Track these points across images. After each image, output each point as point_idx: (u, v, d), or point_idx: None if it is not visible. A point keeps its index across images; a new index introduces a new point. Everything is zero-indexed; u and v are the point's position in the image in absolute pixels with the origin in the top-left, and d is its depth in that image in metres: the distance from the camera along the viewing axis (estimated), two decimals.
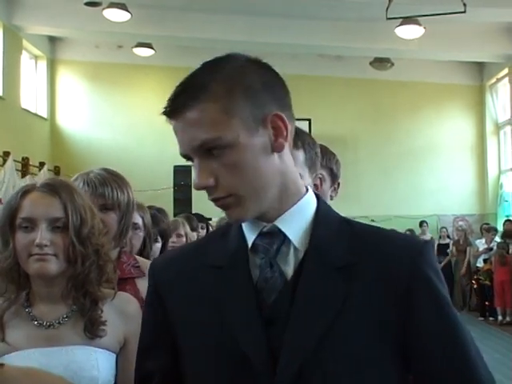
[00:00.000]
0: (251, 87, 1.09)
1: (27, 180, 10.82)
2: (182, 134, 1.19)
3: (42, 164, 11.99)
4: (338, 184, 2.14)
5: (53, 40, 13.47)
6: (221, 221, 7.18)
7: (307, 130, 10.77)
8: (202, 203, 9.22)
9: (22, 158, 11.19)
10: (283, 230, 1.12)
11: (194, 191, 11.56)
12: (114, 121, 13.44)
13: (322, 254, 1.11)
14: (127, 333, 1.65)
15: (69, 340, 1.60)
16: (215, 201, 1.11)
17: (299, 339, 1.07)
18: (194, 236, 4.82)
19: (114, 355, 1.64)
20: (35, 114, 12.92)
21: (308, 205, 1.16)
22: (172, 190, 11.32)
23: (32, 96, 12.91)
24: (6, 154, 10.51)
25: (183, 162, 1.22)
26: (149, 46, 12.75)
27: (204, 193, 1.14)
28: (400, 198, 13.51)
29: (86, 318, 1.60)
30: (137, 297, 1.94)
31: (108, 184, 2.08)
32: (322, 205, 1.18)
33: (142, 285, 2.08)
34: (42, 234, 1.56)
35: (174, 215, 4.54)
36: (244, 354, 1.08)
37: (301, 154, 1.79)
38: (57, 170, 12.72)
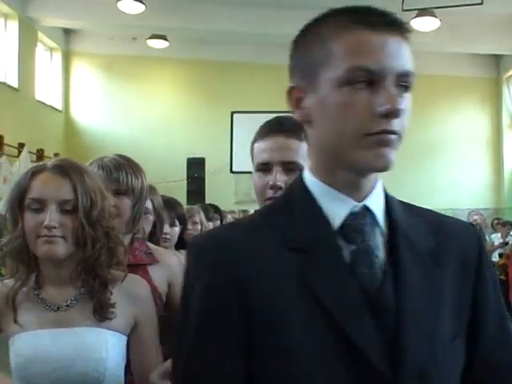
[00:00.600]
0: None
1: None
2: (397, 52, 1.00)
3: (56, 155, 12.02)
4: None
5: (67, 32, 13.51)
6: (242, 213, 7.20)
7: None
8: (214, 195, 9.24)
9: (37, 150, 11.25)
10: (374, 211, 1.05)
11: (207, 183, 11.44)
12: (128, 113, 13.47)
13: (408, 239, 1.05)
14: (137, 314, 1.65)
15: (78, 322, 1.59)
16: (386, 133, 0.99)
17: (416, 331, 1.01)
18: (209, 225, 4.82)
19: (125, 337, 1.64)
20: (50, 106, 12.97)
21: (380, 192, 1.10)
22: (185, 182, 11.33)
23: (47, 88, 12.96)
24: (21, 146, 10.56)
25: (196, 154, 1.18)
26: (163, 37, 12.74)
27: (217, 185, 1.09)
28: (414, 193, 13.38)
29: (95, 300, 1.60)
30: (149, 284, 1.94)
31: (122, 169, 2.07)
32: (387, 193, 1.12)
33: (154, 272, 2.12)
34: (51, 216, 1.55)
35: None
36: (357, 350, 0.97)
37: (305, 147, 1.75)
38: None
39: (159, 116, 13.39)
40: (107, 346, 1.57)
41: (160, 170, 12.56)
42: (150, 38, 12.74)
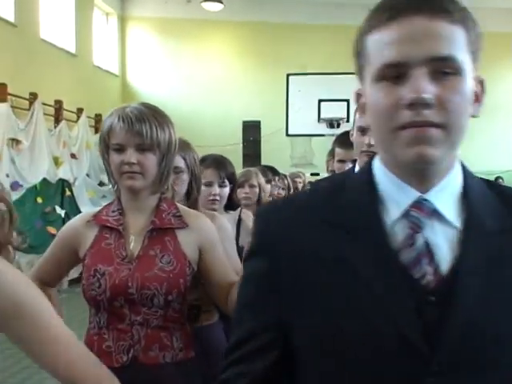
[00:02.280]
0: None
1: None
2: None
3: None
4: None
5: None
6: (295, 177, 7.14)
7: None
8: (270, 159, 9.19)
9: (95, 115, 11.41)
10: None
11: (263, 146, 11.46)
12: (183, 76, 13.50)
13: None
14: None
15: None
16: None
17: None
18: (268, 188, 4.84)
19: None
20: (107, 71, 13.11)
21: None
22: (241, 145, 11.34)
23: (103, 53, 13.09)
24: (80, 111, 10.73)
25: (252, 117, 1.17)
26: (218, 0, 12.64)
27: (273, 148, 1.08)
28: (475, 153, 13.08)
29: None
30: (177, 251, 1.92)
31: (146, 120, 1.86)
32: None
33: (183, 237, 1.95)
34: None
35: None
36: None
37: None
38: None
39: (214, 79, 13.37)
40: None
41: (216, 133, 12.62)
42: (205, 0, 12.67)
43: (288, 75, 12.16)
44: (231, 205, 3.03)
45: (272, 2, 12.95)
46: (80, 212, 8.83)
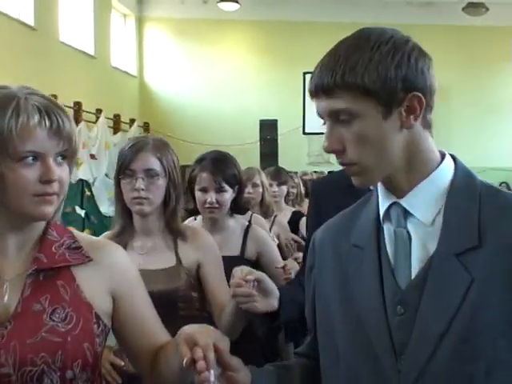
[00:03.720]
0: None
1: (118, 136, 11.15)
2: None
3: (132, 121, 12.30)
4: None
5: None
6: (303, 175, 7.17)
7: None
8: (287, 157, 9.20)
9: (114, 115, 11.51)
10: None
11: (280, 145, 11.51)
12: (200, 76, 13.56)
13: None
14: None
15: None
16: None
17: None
18: (283, 190, 4.71)
19: None
20: (125, 72, 13.21)
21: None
22: (258, 144, 11.37)
23: (121, 54, 13.20)
24: (99, 112, 10.83)
25: (269, 115, 1.23)
26: (234, 0, 12.69)
27: (290, 146, 1.15)
28: (494, 150, 13.04)
29: None
30: (76, 300, 1.31)
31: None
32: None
33: (85, 277, 1.35)
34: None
35: (262, 170, 4.44)
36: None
37: None
38: (146, 126, 13.02)
39: (231, 79, 13.42)
40: None
41: (233, 132, 12.67)
42: (221, 0, 12.72)
43: (305, 73, 12.16)
44: (238, 208, 2.70)
45: (288, 1, 12.98)
46: (100, 212, 8.94)
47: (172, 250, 2.14)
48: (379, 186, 1.20)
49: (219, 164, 2.55)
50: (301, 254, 2.87)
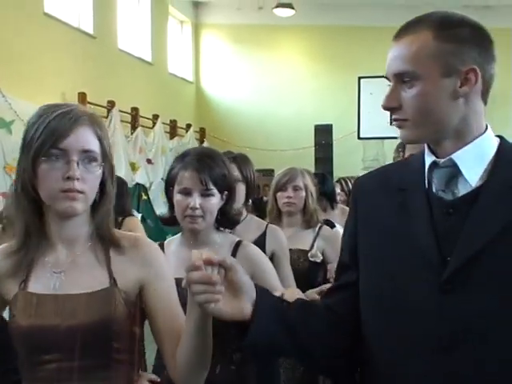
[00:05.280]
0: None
1: (175, 142, 11.32)
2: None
3: (188, 126, 12.46)
4: None
5: (196, 4, 13.84)
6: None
7: None
8: (342, 162, 9.14)
9: (170, 121, 11.68)
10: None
11: (334, 150, 11.42)
12: (256, 81, 13.64)
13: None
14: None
15: None
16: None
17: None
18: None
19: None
20: (181, 78, 13.40)
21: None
22: (313, 148, 11.36)
23: (178, 60, 13.39)
24: (155, 117, 11.02)
25: (324, 120, 1.27)
26: (289, 5, 12.72)
27: (344, 151, 1.17)
28: None
29: None
30: None
31: None
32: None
33: None
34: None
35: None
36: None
37: None
38: (202, 132, 13.17)
39: (286, 84, 13.45)
40: None
41: (288, 137, 12.68)
42: (276, 6, 12.77)
43: (360, 78, 12.09)
44: (226, 220, 2.16)
45: (343, 6, 12.93)
46: (156, 215, 9.07)
47: (104, 265, 1.51)
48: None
49: (206, 160, 2.04)
50: (329, 285, 2.23)
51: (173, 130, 11.78)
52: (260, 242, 2.55)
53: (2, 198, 7.30)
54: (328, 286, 2.14)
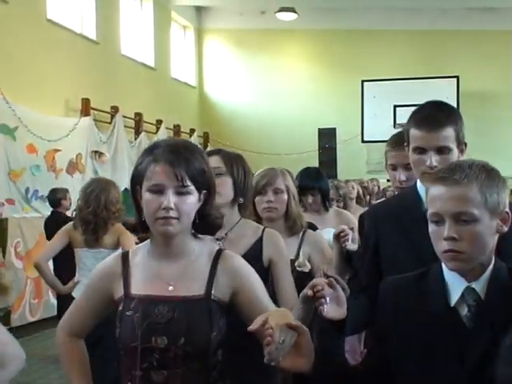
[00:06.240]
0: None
1: None
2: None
3: (192, 130, 12.48)
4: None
5: (199, 10, 13.87)
6: (359, 183, 7.12)
7: (455, 88, 10.14)
8: (346, 165, 9.13)
9: (174, 126, 11.70)
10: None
11: (338, 153, 11.39)
12: (259, 86, 13.65)
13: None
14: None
15: None
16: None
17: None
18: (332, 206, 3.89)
19: None
20: (184, 83, 13.43)
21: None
22: (317, 152, 11.36)
23: (181, 65, 13.41)
24: (159, 122, 11.04)
25: (327, 124, 1.24)
26: (291, 10, 12.75)
27: (348, 155, 1.15)
28: (475, 151, 12.57)
29: None
30: None
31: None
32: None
33: None
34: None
35: None
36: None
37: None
38: (206, 136, 13.19)
39: (290, 88, 13.45)
40: None
41: (292, 141, 12.68)
42: (279, 10, 12.79)
43: (363, 81, 12.10)
44: (205, 225, 1.78)
45: (345, 9, 12.93)
46: None
47: None
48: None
49: (182, 152, 1.68)
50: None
51: (176, 135, 11.80)
52: (256, 249, 2.28)
53: (6, 204, 7.31)
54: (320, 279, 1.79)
